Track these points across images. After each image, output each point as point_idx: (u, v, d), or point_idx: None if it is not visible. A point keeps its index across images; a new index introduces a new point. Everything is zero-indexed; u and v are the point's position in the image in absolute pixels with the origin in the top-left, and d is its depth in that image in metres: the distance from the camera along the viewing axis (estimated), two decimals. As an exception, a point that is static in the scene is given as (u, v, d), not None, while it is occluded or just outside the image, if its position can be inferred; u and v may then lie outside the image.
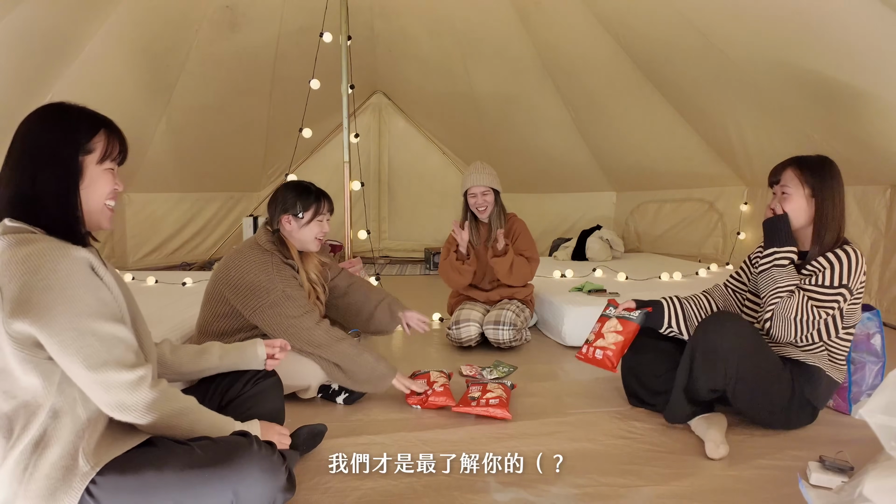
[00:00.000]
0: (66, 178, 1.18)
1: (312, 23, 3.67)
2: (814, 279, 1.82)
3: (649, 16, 3.59)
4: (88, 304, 1.10)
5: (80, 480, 1.08)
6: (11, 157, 1.19)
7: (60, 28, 3.51)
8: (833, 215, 1.86)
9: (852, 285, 1.80)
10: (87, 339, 1.08)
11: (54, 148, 1.18)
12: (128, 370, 1.11)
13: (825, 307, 1.79)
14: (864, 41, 2.67)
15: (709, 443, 1.81)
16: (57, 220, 1.16)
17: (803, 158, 1.92)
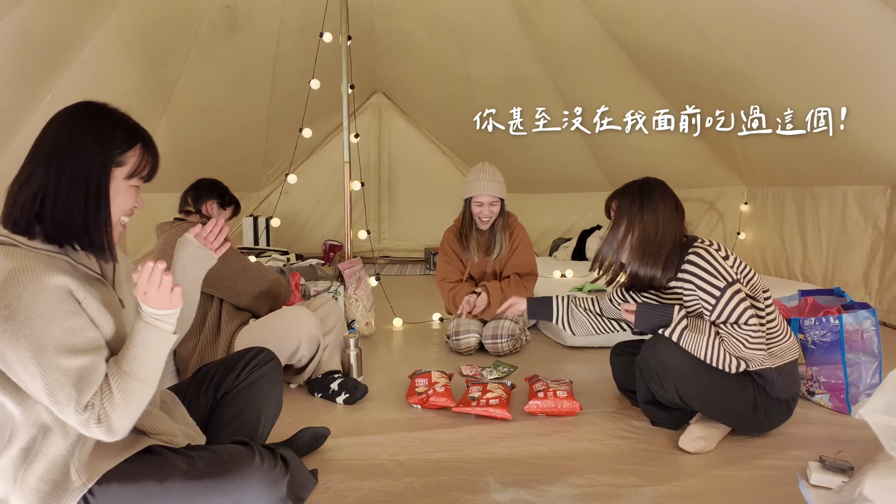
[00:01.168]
0: (96, 188, 1.12)
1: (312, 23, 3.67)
2: (706, 306, 1.77)
3: (649, 16, 3.59)
4: (52, 335, 1.03)
5: (72, 496, 1.07)
6: (39, 151, 1.13)
7: (60, 28, 3.51)
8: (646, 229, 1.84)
9: (729, 277, 1.75)
10: (50, 373, 1.02)
11: (89, 153, 1.12)
12: (83, 411, 1.03)
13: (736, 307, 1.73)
14: (864, 41, 2.67)
15: (684, 436, 1.84)
16: (76, 228, 1.11)
17: (620, 188, 1.95)
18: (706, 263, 1.77)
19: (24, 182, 1.11)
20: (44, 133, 1.15)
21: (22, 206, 1.10)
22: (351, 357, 2.47)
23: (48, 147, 1.12)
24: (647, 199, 1.87)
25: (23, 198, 1.10)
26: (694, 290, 1.79)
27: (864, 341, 2.09)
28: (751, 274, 1.86)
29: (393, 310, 3.63)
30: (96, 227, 1.13)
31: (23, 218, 1.10)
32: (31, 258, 1.06)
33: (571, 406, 2.09)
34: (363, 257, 3.72)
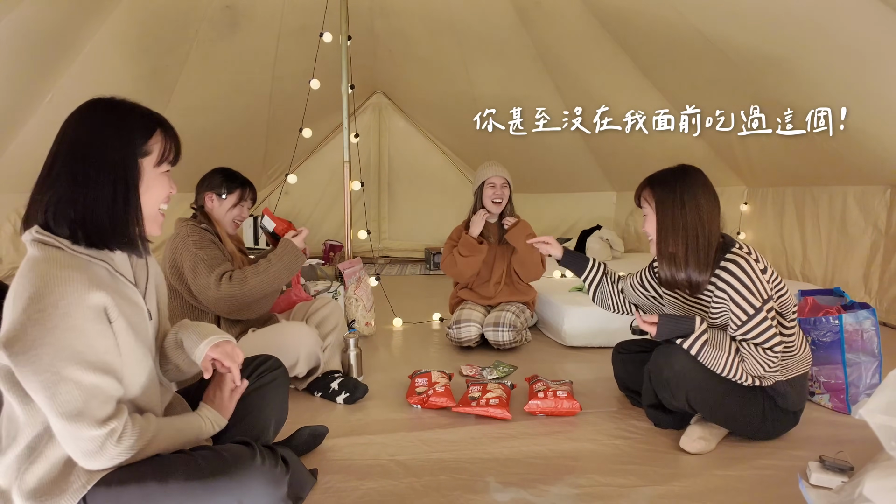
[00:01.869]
0: (124, 183, 1.11)
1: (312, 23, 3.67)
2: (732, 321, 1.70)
3: (649, 16, 3.59)
4: (78, 350, 1.03)
5: (71, 496, 1.07)
6: (59, 157, 1.11)
7: (60, 28, 3.50)
8: (694, 224, 1.71)
9: (765, 294, 1.69)
10: (66, 385, 1.02)
11: (107, 149, 1.11)
12: (98, 426, 1.04)
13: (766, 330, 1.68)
14: (864, 40, 2.67)
15: (685, 436, 1.83)
16: (106, 229, 1.11)
17: (655, 175, 1.81)
18: (745, 276, 1.67)
19: (52, 189, 1.10)
20: (62, 137, 1.13)
21: (56, 212, 1.09)
22: (351, 357, 2.47)
23: (69, 151, 1.11)
24: (690, 194, 1.72)
25: (55, 204, 1.09)
26: (726, 301, 1.70)
27: (864, 341, 2.09)
28: (783, 289, 1.77)
29: (393, 310, 3.63)
30: (129, 225, 1.13)
31: (60, 224, 1.10)
32: (74, 266, 1.07)
33: (571, 406, 2.09)
34: (363, 257, 3.72)
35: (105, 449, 1.06)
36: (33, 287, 1.03)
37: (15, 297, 1.05)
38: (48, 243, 1.08)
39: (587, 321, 2.99)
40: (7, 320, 1.04)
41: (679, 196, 1.73)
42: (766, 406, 1.80)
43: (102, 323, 1.08)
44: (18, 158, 4.03)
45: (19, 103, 3.73)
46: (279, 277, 2.15)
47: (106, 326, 1.09)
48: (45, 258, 1.07)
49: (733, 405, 1.79)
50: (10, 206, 4.29)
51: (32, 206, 1.12)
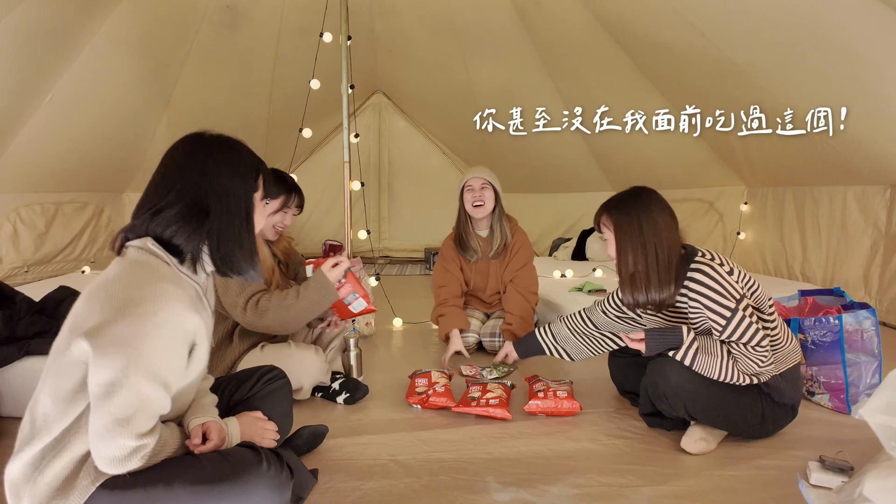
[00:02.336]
0: (247, 216, 1.25)
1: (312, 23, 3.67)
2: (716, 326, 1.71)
3: (649, 16, 3.59)
4: (155, 362, 1.08)
5: (79, 495, 1.08)
6: (180, 189, 1.19)
7: (61, 28, 3.51)
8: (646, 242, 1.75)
9: (737, 294, 1.71)
10: (129, 391, 1.05)
11: (234, 186, 1.23)
12: (136, 438, 1.07)
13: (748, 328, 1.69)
14: (864, 40, 2.67)
15: (686, 436, 1.84)
16: (237, 257, 1.22)
17: (610, 200, 1.88)
18: (713, 282, 1.70)
19: (183, 222, 1.19)
20: (182, 170, 1.21)
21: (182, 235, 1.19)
22: (351, 357, 2.46)
23: (198, 187, 1.20)
24: (645, 214, 1.77)
25: (183, 229, 1.19)
26: (701, 309, 1.73)
27: (864, 341, 2.09)
28: (755, 286, 1.81)
29: (393, 310, 3.63)
30: (253, 253, 1.26)
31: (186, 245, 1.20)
32: (178, 284, 1.15)
33: (571, 406, 2.09)
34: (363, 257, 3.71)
35: (129, 461, 1.08)
36: (138, 292, 1.09)
37: (108, 296, 1.09)
38: (159, 256, 1.16)
39: (587, 321, 2.98)
40: (96, 314, 1.08)
41: (635, 217, 1.78)
42: (763, 405, 1.81)
43: (185, 345, 1.15)
44: (18, 158, 4.03)
45: (19, 103, 3.73)
46: (303, 314, 2.01)
47: (185, 349, 1.15)
48: (153, 268, 1.14)
49: (731, 409, 1.79)
50: (10, 206, 4.29)
51: (148, 220, 1.19)
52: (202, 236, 1.20)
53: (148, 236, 1.17)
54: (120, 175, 5.14)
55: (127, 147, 4.82)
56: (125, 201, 5.39)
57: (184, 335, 1.13)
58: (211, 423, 1.27)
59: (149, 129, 4.79)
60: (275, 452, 1.27)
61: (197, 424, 1.26)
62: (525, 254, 2.96)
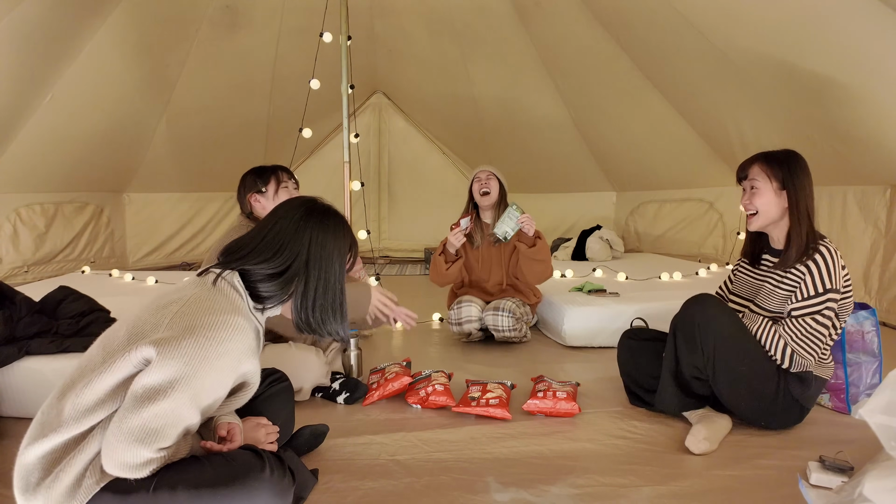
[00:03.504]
0: (341, 285, 1.34)
1: (312, 23, 3.67)
2: (798, 292, 1.82)
3: (649, 16, 3.59)
4: (203, 386, 1.11)
5: (83, 494, 1.08)
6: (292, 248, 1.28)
7: (60, 28, 3.51)
8: (804, 207, 1.85)
9: (838, 285, 1.80)
10: (168, 404, 1.07)
11: (336, 258, 1.33)
12: (154, 452, 1.09)
13: (823, 314, 1.79)
14: (864, 40, 2.67)
15: (690, 436, 1.84)
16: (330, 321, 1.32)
17: (770, 153, 1.94)
18: (831, 262, 1.80)
19: (273, 271, 1.27)
20: (296, 230, 1.30)
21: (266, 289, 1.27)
22: (351, 357, 2.47)
23: (302, 243, 1.29)
24: (801, 173, 1.87)
25: (271, 287, 1.27)
26: (804, 276, 1.81)
27: (865, 341, 2.09)
28: (850, 294, 1.88)
29: (393, 310, 3.62)
30: (345, 319, 1.36)
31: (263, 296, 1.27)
32: (249, 323, 1.21)
33: (570, 408, 2.09)
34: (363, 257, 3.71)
35: (140, 470, 1.09)
36: (210, 317, 1.14)
37: (182, 313, 1.14)
38: (238, 291, 1.24)
39: (587, 321, 2.99)
40: (165, 326, 1.13)
41: (802, 177, 1.88)
42: (780, 387, 1.84)
43: (233, 380, 1.21)
44: (18, 158, 4.03)
45: (19, 103, 3.73)
46: None
47: (231, 383, 1.21)
48: (230, 300, 1.22)
49: (753, 369, 1.83)
50: (10, 206, 4.30)
51: (249, 260, 1.28)
52: (291, 293, 1.29)
53: (236, 271, 1.25)
54: (120, 175, 5.15)
55: (127, 147, 4.83)
56: (125, 201, 5.40)
57: (235, 371, 1.18)
58: (236, 427, 1.32)
59: (148, 129, 4.80)
60: (277, 456, 1.27)
61: (225, 422, 1.32)
62: None
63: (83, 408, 1.11)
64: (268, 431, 1.44)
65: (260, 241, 1.29)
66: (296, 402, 2.24)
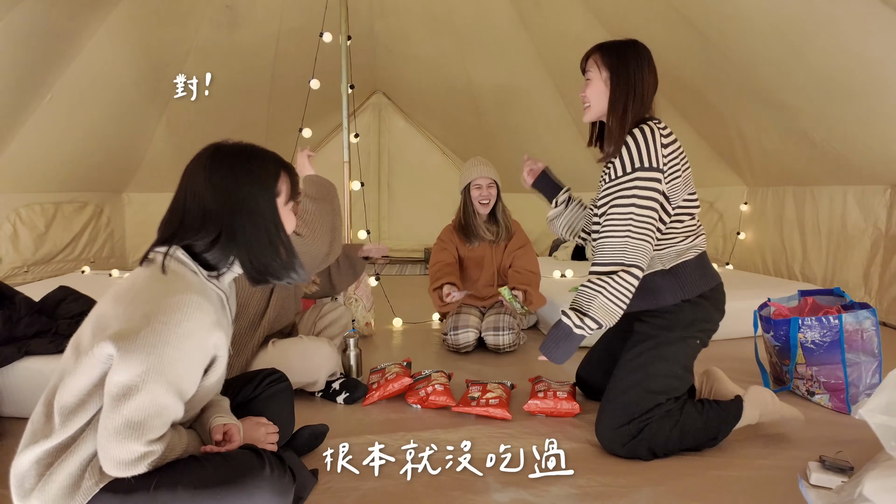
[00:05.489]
0: (273, 224, 1.24)
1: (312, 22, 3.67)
2: (608, 175, 1.70)
3: (648, 15, 3.59)
4: (175, 371, 1.09)
5: (83, 496, 1.08)
6: (205, 205, 1.20)
7: (60, 27, 3.51)
8: (627, 93, 1.75)
9: (654, 163, 1.65)
10: (146, 396, 1.06)
11: (257, 199, 1.23)
12: (146, 444, 1.08)
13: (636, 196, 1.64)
14: (864, 40, 2.67)
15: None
16: (274, 267, 1.24)
17: (606, 42, 1.84)
18: (641, 139, 1.68)
19: (213, 237, 1.20)
20: (205, 186, 1.21)
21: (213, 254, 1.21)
22: (351, 357, 2.47)
23: (221, 203, 1.21)
24: (639, 71, 1.79)
25: (214, 244, 1.21)
26: (613, 164, 1.70)
27: (864, 341, 2.09)
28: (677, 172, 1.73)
29: (393, 310, 3.63)
30: (290, 255, 1.27)
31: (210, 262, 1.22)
32: (205, 296, 1.16)
33: (571, 407, 2.09)
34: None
35: (137, 465, 1.08)
36: (165, 300, 1.10)
37: (136, 302, 1.11)
38: (186, 264, 1.19)
39: (587, 321, 2.98)
40: (123, 318, 1.10)
41: (632, 69, 1.79)
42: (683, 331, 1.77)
43: (205, 358, 1.17)
44: (18, 158, 4.03)
45: (19, 103, 3.73)
46: None
47: (204, 362, 1.17)
48: (181, 277, 1.16)
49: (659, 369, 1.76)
50: (10, 206, 4.29)
51: (177, 232, 1.21)
52: (233, 253, 1.23)
53: (178, 246, 1.19)
54: (120, 175, 5.15)
55: (127, 147, 4.83)
56: (125, 201, 5.39)
57: (204, 349, 1.15)
58: (233, 427, 1.31)
59: (148, 129, 4.79)
60: (277, 456, 1.27)
61: (220, 424, 1.29)
62: (522, 236, 3.08)
63: (66, 411, 1.11)
64: (268, 431, 1.43)
65: (184, 214, 1.22)
66: (305, 394, 2.27)
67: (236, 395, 1.58)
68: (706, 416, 1.77)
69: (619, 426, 1.75)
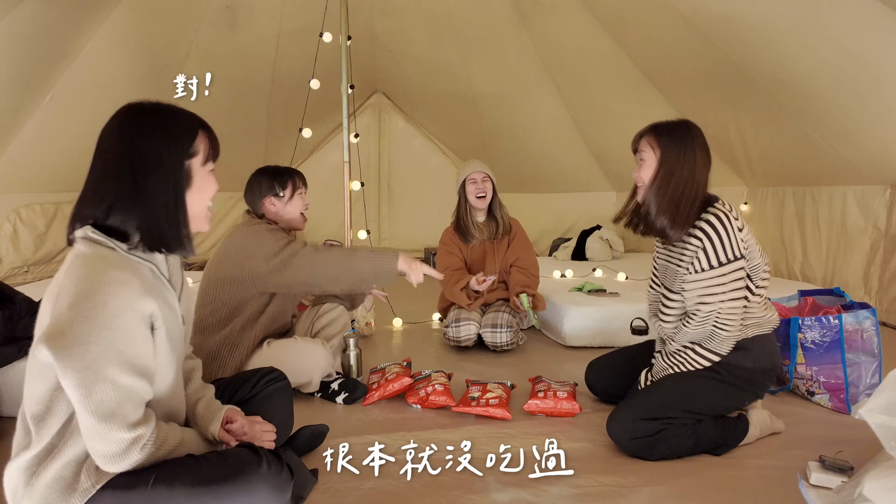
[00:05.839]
0: (175, 187, 1.14)
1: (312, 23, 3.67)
2: (695, 266, 1.75)
3: (649, 15, 3.59)
4: (121, 351, 1.04)
5: (80, 496, 1.08)
6: (107, 162, 1.12)
7: (60, 28, 3.50)
8: (680, 176, 1.75)
9: (738, 251, 1.72)
10: (104, 384, 1.02)
11: (162, 155, 1.13)
12: (128, 429, 1.05)
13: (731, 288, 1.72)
14: (864, 40, 2.67)
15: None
16: (166, 232, 1.14)
17: (660, 123, 1.84)
18: (722, 229, 1.72)
19: (110, 192, 1.12)
20: (113, 142, 1.14)
21: (117, 214, 1.12)
22: (351, 357, 2.47)
23: (125, 156, 1.12)
24: (691, 148, 1.77)
25: (116, 207, 1.12)
26: (698, 250, 1.74)
27: (864, 341, 2.09)
28: (755, 253, 1.81)
29: (393, 310, 3.62)
30: (183, 226, 1.17)
31: (121, 226, 1.12)
32: (126, 268, 1.09)
33: (571, 407, 2.09)
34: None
35: (129, 453, 1.07)
36: (84, 284, 1.04)
37: (60, 293, 1.05)
38: (101, 243, 1.10)
39: (587, 321, 2.99)
40: (51, 315, 1.05)
41: (684, 148, 1.77)
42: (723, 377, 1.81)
43: (146, 328, 1.10)
44: (18, 158, 4.03)
45: (19, 103, 3.73)
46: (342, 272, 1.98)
47: (148, 332, 1.11)
48: (98, 256, 1.09)
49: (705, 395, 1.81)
50: (10, 206, 4.29)
51: (85, 205, 1.13)
52: (132, 215, 1.12)
53: (88, 224, 1.12)
54: (120, 175, 5.15)
55: (127, 147, 4.83)
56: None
57: (141, 319, 1.08)
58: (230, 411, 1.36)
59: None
60: (274, 453, 1.26)
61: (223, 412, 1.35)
62: (524, 237, 3.13)
63: (36, 419, 1.10)
64: (264, 429, 1.42)
65: (89, 177, 1.14)
66: (304, 394, 2.27)
67: (234, 395, 1.58)
68: (720, 430, 1.83)
69: (640, 419, 1.78)
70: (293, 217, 2.27)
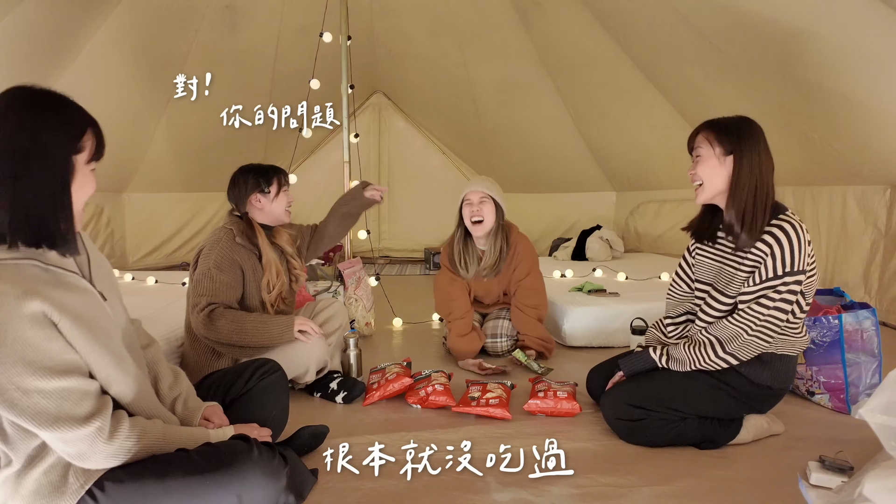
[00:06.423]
0: (62, 179, 1.06)
1: (312, 22, 3.67)
2: (757, 275, 1.70)
3: (649, 15, 3.59)
4: (30, 359, 0.98)
5: (70, 498, 1.07)
6: None
7: (60, 28, 3.51)
8: (753, 175, 1.69)
9: (802, 265, 1.67)
10: (32, 397, 0.99)
11: (49, 144, 1.04)
12: (81, 425, 1.02)
13: (784, 299, 1.68)
14: (864, 40, 2.67)
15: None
16: (48, 228, 1.04)
17: (717, 119, 1.78)
18: (795, 241, 1.65)
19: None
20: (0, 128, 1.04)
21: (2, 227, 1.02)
22: (351, 357, 2.47)
23: (8, 148, 1.02)
24: (750, 139, 1.70)
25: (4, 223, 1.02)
26: (765, 257, 1.67)
27: (864, 341, 2.09)
28: (814, 273, 1.78)
29: (393, 310, 3.63)
30: (66, 223, 1.07)
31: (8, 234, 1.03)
32: (12, 273, 1.01)
33: (571, 407, 2.09)
34: (363, 257, 3.71)
35: (96, 447, 1.05)
36: None
37: None
38: None
39: (587, 321, 2.99)
40: None
41: (755, 146, 1.71)
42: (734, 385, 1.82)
43: (47, 327, 1.02)
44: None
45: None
46: (256, 334, 2.04)
47: (51, 330, 1.03)
48: None
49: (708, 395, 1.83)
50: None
51: None
52: (13, 208, 1.02)
53: None
54: (120, 175, 5.14)
55: (126, 147, 4.82)
56: (125, 201, 5.39)
57: (34, 322, 0.99)
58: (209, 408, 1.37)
59: (148, 129, 4.79)
60: (265, 443, 1.26)
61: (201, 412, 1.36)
62: (526, 265, 2.76)
63: (7, 443, 1.08)
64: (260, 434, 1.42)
65: None
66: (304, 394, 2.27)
67: (227, 392, 1.56)
68: (705, 429, 1.84)
69: (627, 403, 1.85)
70: (279, 213, 2.30)
